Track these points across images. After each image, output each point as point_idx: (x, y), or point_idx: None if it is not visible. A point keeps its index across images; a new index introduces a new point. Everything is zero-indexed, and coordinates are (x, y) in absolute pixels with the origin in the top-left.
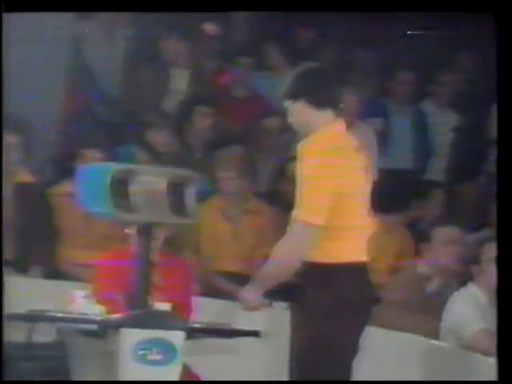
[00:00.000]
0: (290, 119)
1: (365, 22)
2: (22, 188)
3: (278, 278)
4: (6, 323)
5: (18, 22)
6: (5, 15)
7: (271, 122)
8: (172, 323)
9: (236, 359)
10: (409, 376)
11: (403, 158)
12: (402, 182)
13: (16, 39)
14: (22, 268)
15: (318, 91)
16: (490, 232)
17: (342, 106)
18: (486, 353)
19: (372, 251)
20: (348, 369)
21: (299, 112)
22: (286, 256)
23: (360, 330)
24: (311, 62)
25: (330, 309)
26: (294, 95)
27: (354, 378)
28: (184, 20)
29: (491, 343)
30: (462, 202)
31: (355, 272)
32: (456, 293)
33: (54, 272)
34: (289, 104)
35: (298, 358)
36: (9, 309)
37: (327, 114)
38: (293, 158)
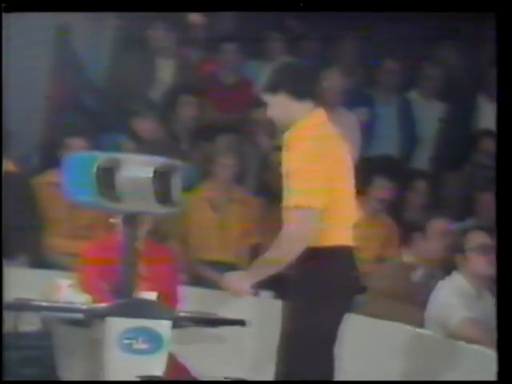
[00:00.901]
0: (270, 112)
1: (353, 14)
2: (6, 177)
3: (278, 268)
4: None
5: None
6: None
7: (260, 113)
8: (158, 312)
9: (222, 348)
10: (394, 364)
11: (388, 147)
12: (387, 169)
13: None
14: (7, 257)
15: (298, 83)
16: (473, 221)
17: (325, 86)
18: (470, 341)
19: (358, 240)
20: (331, 355)
21: (279, 105)
22: (290, 244)
23: (342, 316)
24: (298, 50)
25: (315, 293)
26: (274, 88)
27: (340, 366)
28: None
29: (475, 331)
30: (446, 191)
31: (341, 255)
32: (441, 282)
33: (40, 261)
34: (268, 97)
35: (284, 343)
36: None
37: (308, 105)
38: (278, 148)
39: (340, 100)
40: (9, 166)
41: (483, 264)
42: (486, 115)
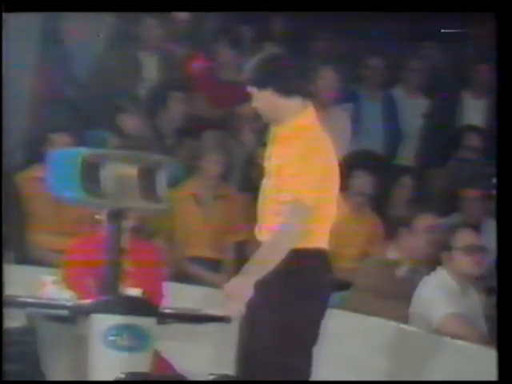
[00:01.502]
0: (256, 105)
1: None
2: None
3: (273, 265)
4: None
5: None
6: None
7: (246, 109)
8: (143, 309)
9: (206, 344)
10: (378, 360)
11: (373, 144)
12: (368, 163)
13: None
14: None
15: (286, 79)
16: (458, 217)
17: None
18: (454, 336)
19: (342, 237)
20: (309, 355)
21: (267, 100)
22: (284, 239)
23: (321, 317)
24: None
25: (292, 294)
26: (261, 83)
27: (322, 362)
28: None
29: (459, 327)
30: (431, 187)
31: (321, 258)
32: (425, 278)
33: (24, 257)
34: (254, 91)
35: (259, 344)
36: None
37: (296, 102)
38: (265, 145)
39: (333, 98)
40: None
41: (470, 263)
42: (471, 111)
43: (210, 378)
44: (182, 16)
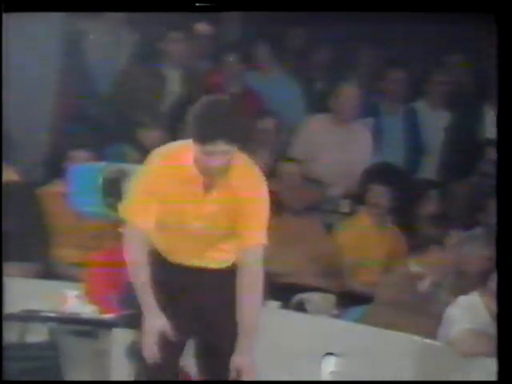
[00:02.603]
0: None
1: (357, 21)
2: (11, 187)
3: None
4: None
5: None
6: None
7: (265, 123)
8: None
9: None
10: (402, 375)
11: (395, 157)
12: (390, 178)
13: (12, 38)
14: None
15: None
16: (481, 230)
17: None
18: (465, 354)
19: (363, 249)
20: None
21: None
22: (260, 290)
23: None
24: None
25: None
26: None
27: (348, 377)
28: (178, 20)
29: (473, 344)
30: (454, 200)
31: None
32: (459, 297)
33: (47, 272)
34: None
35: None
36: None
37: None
38: (285, 158)
39: (355, 113)
40: (13, 175)
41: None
42: (492, 124)
43: None
44: (204, 30)
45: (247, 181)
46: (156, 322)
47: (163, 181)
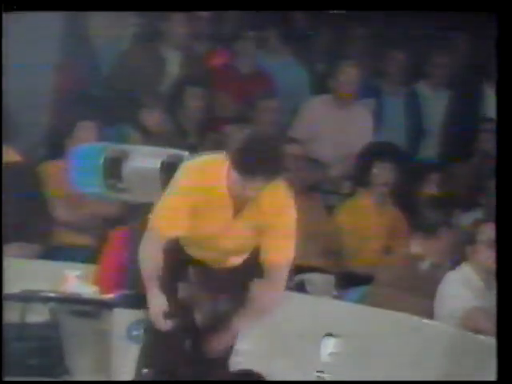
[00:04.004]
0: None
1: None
2: (12, 168)
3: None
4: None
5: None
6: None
7: (268, 103)
8: None
9: None
10: (401, 355)
11: (396, 139)
12: (393, 156)
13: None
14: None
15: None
16: (483, 212)
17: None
18: (478, 331)
19: (364, 230)
20: None
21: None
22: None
23: None
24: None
25: None
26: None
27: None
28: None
29: (483, 321)
30: (455, 182)
31: None
32: (449, 273)
33: (48, 252)
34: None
35: None
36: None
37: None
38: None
39: (355, 94)
40: (15, 156)
41: (494, 257)
42: (493, 105)
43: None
44: (205, 13)
45: (277, 203)
46: (158, 301)
47: (195, 198)
